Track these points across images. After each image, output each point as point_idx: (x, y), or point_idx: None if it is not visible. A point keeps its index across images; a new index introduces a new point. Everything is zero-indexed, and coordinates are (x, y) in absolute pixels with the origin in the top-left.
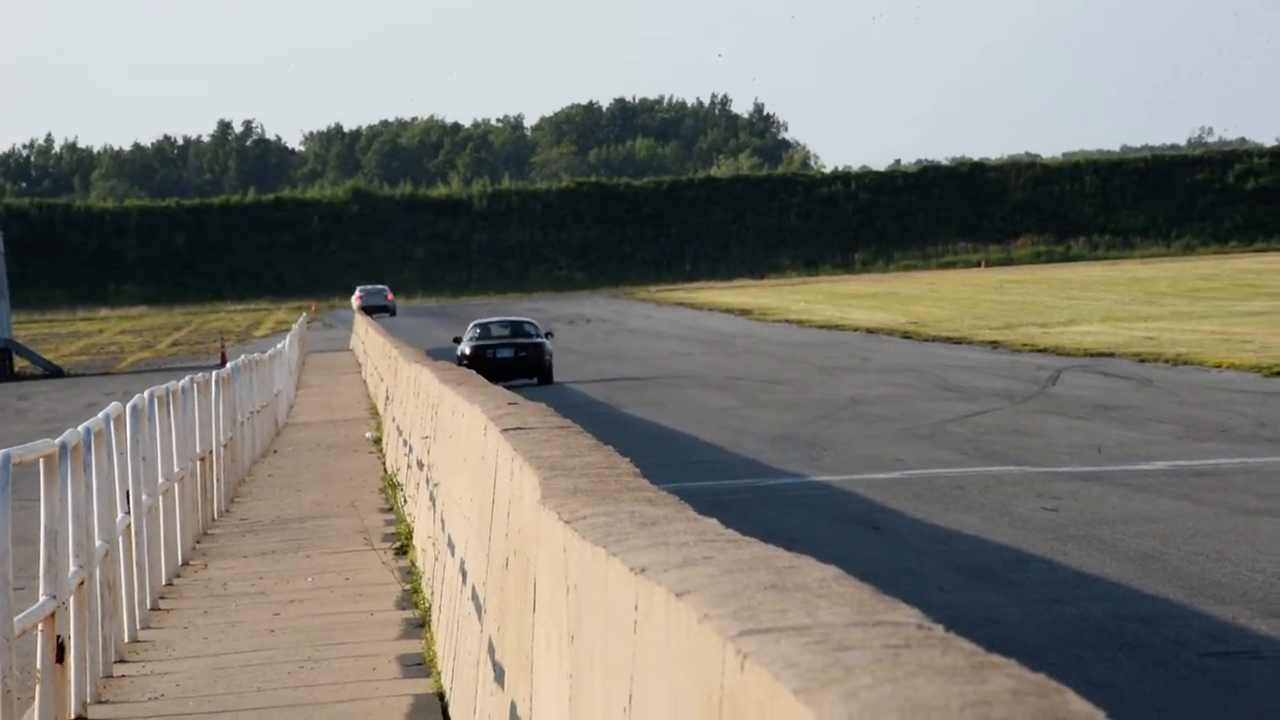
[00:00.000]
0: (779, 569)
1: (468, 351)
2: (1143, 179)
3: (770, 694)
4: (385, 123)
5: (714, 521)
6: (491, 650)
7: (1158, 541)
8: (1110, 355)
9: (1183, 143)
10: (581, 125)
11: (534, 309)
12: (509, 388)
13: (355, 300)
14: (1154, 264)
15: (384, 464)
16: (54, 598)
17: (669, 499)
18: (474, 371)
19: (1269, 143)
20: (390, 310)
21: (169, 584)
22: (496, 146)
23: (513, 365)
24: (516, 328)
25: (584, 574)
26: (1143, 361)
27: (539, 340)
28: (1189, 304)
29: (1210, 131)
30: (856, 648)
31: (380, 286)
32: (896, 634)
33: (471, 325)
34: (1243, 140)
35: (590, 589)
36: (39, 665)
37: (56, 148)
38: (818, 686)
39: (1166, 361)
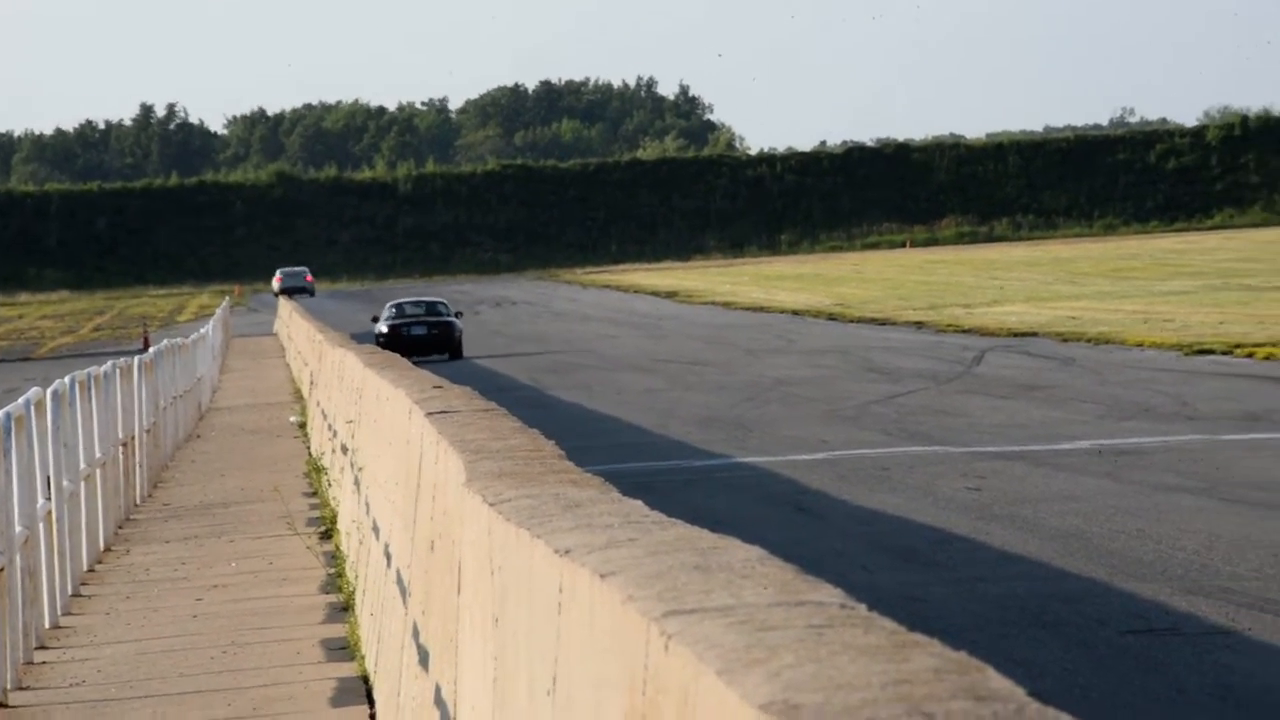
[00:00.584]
0: (703, 550)
1: (384, 330)
2: (1065, 159)
3: (694, 675)
4: (309, 106)
5: (639, 503)
6: (416, 633)
7: (1080, 520)
8: (1034, 335)
9: (1105, 123)
10: (507, 108)
11: (459, 292)
12: (421, 363)
13: (276, 282)
14: (1077, 244)
15: (308, 448)
16: None
17: (594, 481)
18: (394, 353)
19: (1190, 123)
20: (309, 292)
21: (91, 570)
22: (421, 130)
23: (426, 342)
24: (430, 307)
25: (509, 556)
26: (1065, 341)
27: (450, 319)
28: (1111, 284)
29: (1132, 111)
30: (780, 628)
31: (300, 268)
32: (819, 614)
33: (388, 305)
34: (1164, 120)
35: (515, 571)
36: None
37: None
38: (741, 667)
39: (1089, 341)
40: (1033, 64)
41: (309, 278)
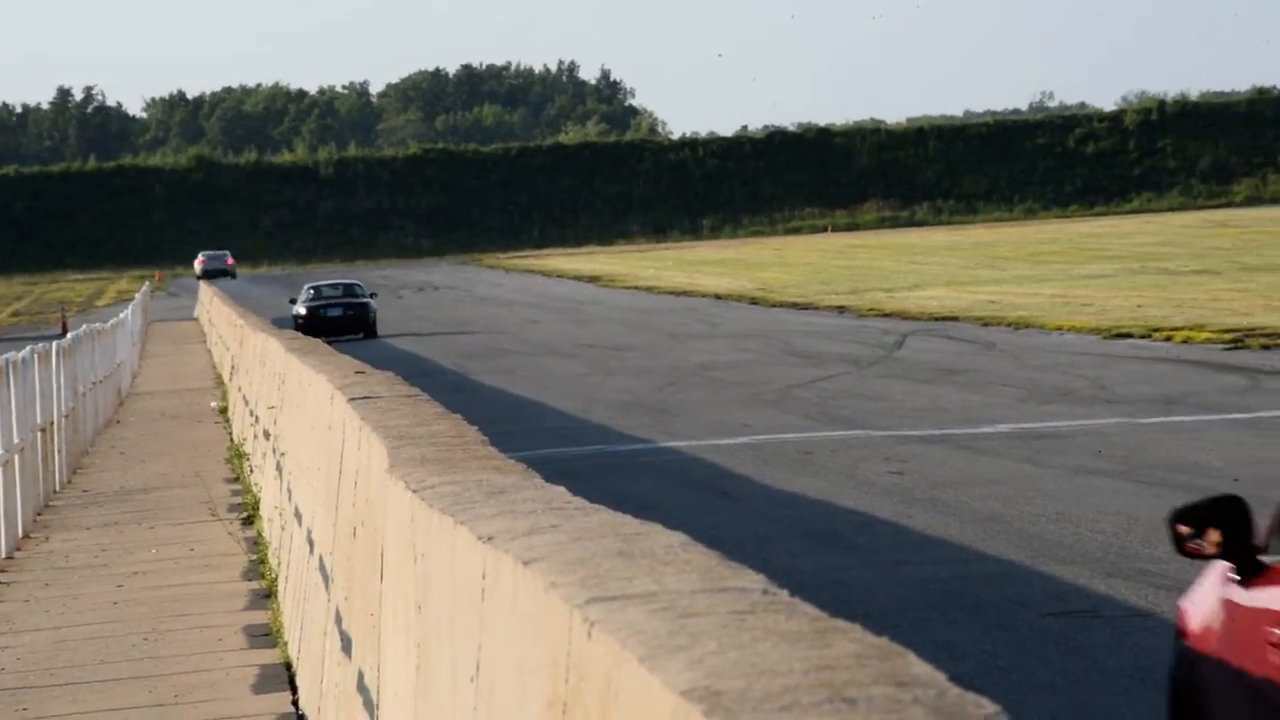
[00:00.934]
0: (626, 536)
1: (303, 311)
2: (985, 144)
3: (617, 661)
4: (229, 89)
5: (562, 489)
6: (339, 620)
7: (1000, 504)
8: (954, 319)
9: (1024, 107)
10: (428, 92)
11: (382, 276)
12: (336, 342)
13: (197, 264)
14: (997, 228)
15: (230, 434)
16: None
17: (517, 467)
18: (313, 333)
19: (1108, 107)
20: (231, 274)
21: (9, 557)
22: (342, 114)
23: (343, 323)
24: (346, 289)
25: (431, 543)
26: (986, 325)
27: (365, 300)
28: (1031, 268)
29: (1051, 96)
30: (702, 614)
31: (221, 252)
32: (742, 600)
33: (306, 288)
34: (1083, 105)
35: (438, 558)
36: None
37: None
38: (664, 653)
39: (1009, 325)
40: (953, 49)
41: (230, 260)
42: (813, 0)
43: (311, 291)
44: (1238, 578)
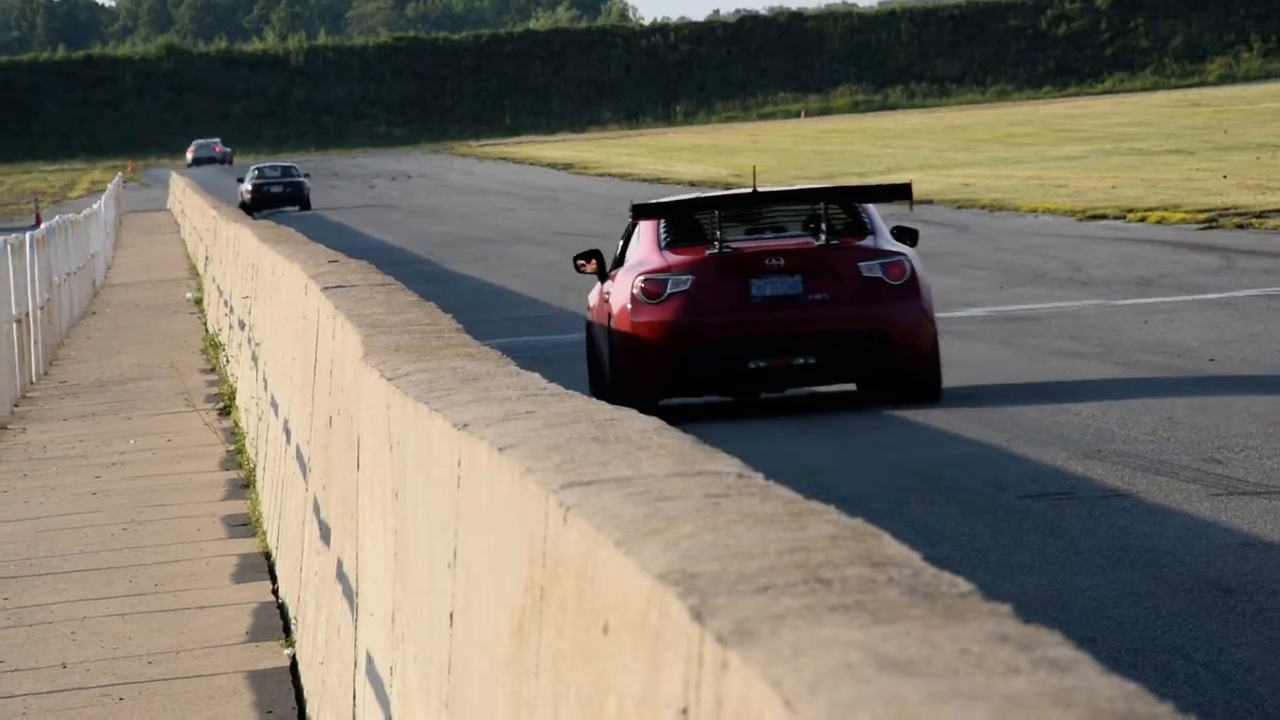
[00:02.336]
0: (601, 422)
1: (249, 188)
2: (957, 26)
3: (592, 545)
4: None
5: (536, 376)
6: (317, 509)
7: (976, 387)
8: (929, 203)
9: None
10: None
11: (355, 165)
12: (276, 214)
13: (189, 154)
14: (970, 111)
15: (205, 325)
16: None
17: (491, 354)
18: (259, 205)
19: None
20: (226, 160)
21: None
22: (312, 2)
23: (282, 197)
24: (285, 170)
25: (407, 431)
26: (960, 208)
27: (300, 180)
28: (1004, 150)
29: None
30: (677, 498)
31: (210, 140)
32: (717, 484)
33: (251, 169)
34: None
35: (413, 446)
36: None
37: None
38: (639, 537)
39: (983, 208)
40: None
41: (218, 148)
42: None
43: (256, 172)
44: (600, 283)
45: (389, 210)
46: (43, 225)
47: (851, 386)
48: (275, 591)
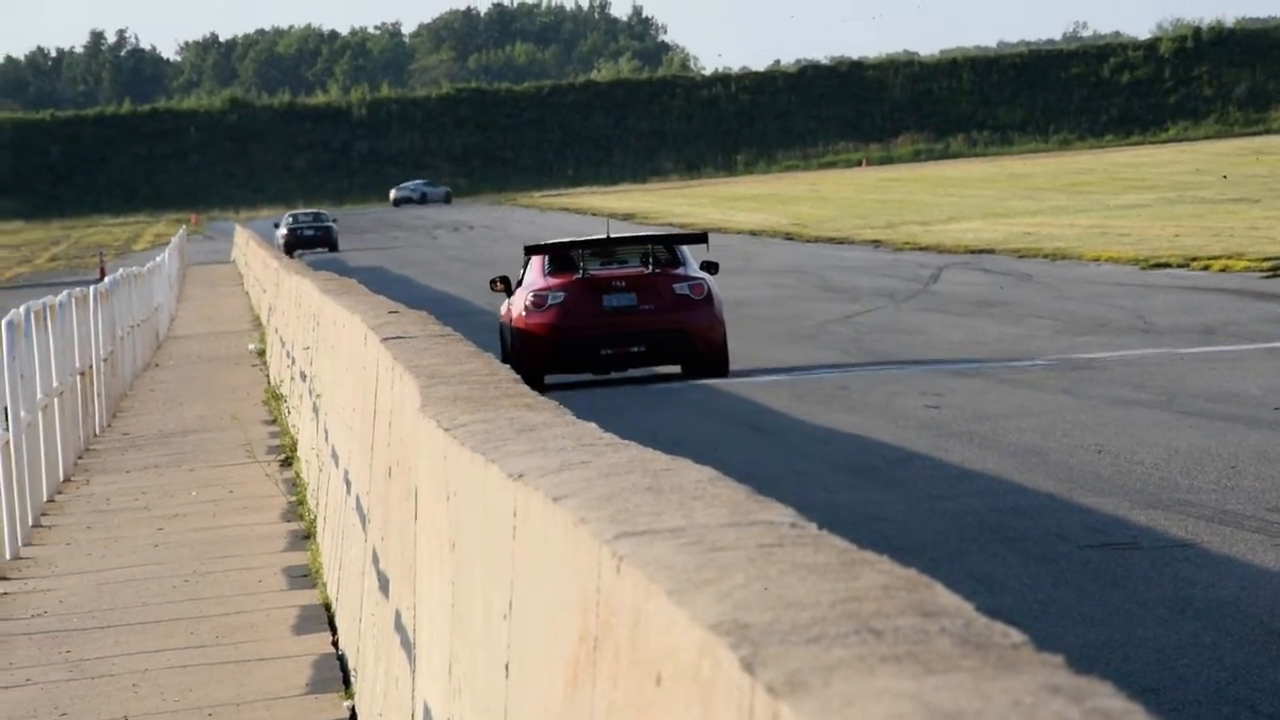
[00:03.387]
0: (656, 472)
1: (284, 232)
2: (1019, 75)
3: (645, 595)
4: (261, 31)
5: (593, 425)
6: (376, 560)
7: (1038, 436)
8: (990, 252)
9: (1058, 37)
10: (460, 31)
11: (417, 216)
12: (307, 254)
13: (392, 195)
14: (1032, 159)
15: (267, 376)
16: None
17: (548, 404)
18: (294, 247)
19: (1143, 35)
20: (439, 199)
21: (51, 500)
22: (375, 54)
23: (314, 240)
24: (316, 216)
25: (463, 481)
26: (1022, 257)
27: (329, 224)
28: (1067, 199)
29: (1085, 25)
30: (730, 548)
31: (416, 181)
32: (770, 533)
33: (285, 216)
34: (1117, 34)
35: (470, 496)
36: None
37: None
38: (691, 587)
39: (1046, 256)
40: None
41: (426, 189)
42: None
43: (291, 219)
44: (508, 297)
45: (450, 261)
46: (107, 278)
47: (677, 369)
48: (335, 643)
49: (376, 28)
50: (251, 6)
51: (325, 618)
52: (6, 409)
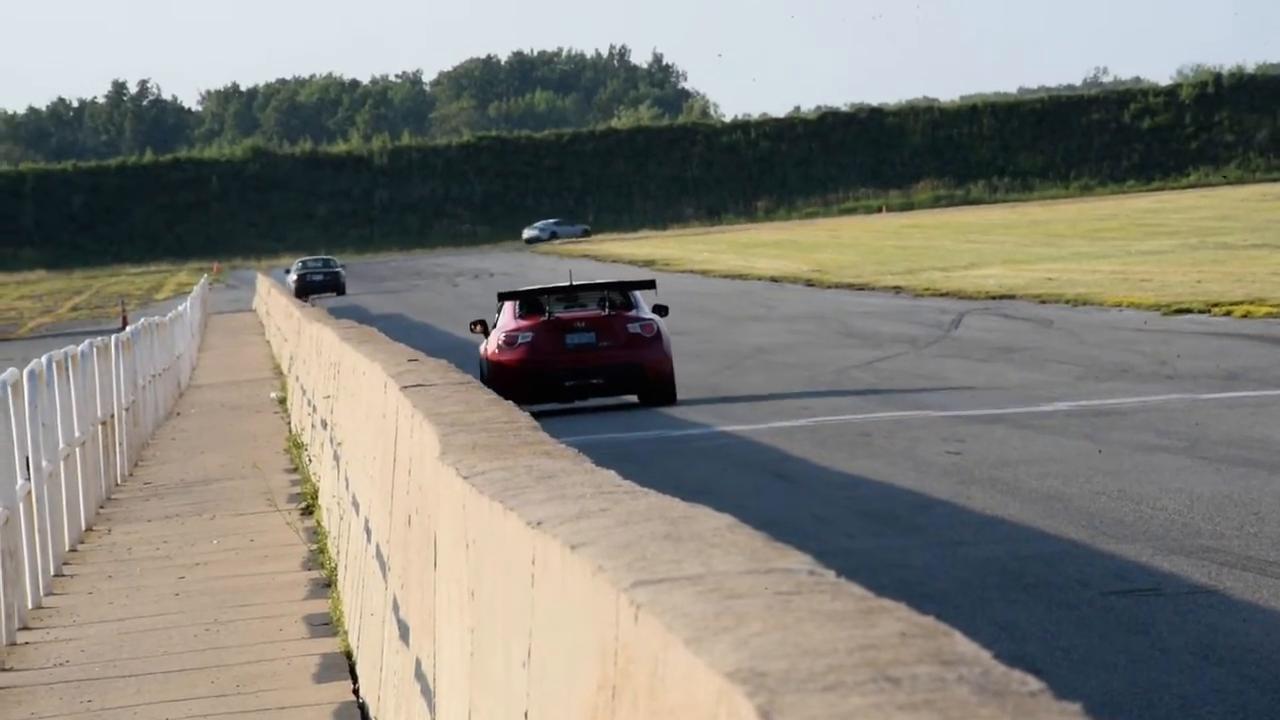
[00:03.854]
0: (674, 519)
1: (295, 278)
2: (1040, 120)
3: (663, 644)
4: (283, 80)
5: (612, 473)
6: (396, 608)
7: (1060, 482)
8: (1011, 297)
9: (1078, 83)
10: (480, 79)
11: (438, 264)
12: (319, 299)
13: (526, 233)
14: (1053, 206)
15: (289, 424)
16: None
17: (568, 452)
18: (303, 290)
19: (1163, 81)
20: (572, 233)
21: (72, 550)
22: (396, 103)
23: (323, 285)
24: (325, 263)
25: (482, 529)
26: (1043, 303)
27: (337, 270)
28: (1088, 244)
29: (1105, 71)
30: (748, 596)
31: (548, 220)
32: (788, 581)
33: (296, 262)
34: (1138, 79)
35: (489, 544)
36: None
37: None
38: (709, 635)
39: (1067, 302)
40: (1005, 25)
41: (558, 228)
42: None
43: (301, 265)
44: (485, 337)
45: (470, 310)
46: (129, 328)
47: (634, 398)
48: (356, 691)
49: (397, 76)
50: (273, 56)
51: (346, 666)
52: (29, 458)
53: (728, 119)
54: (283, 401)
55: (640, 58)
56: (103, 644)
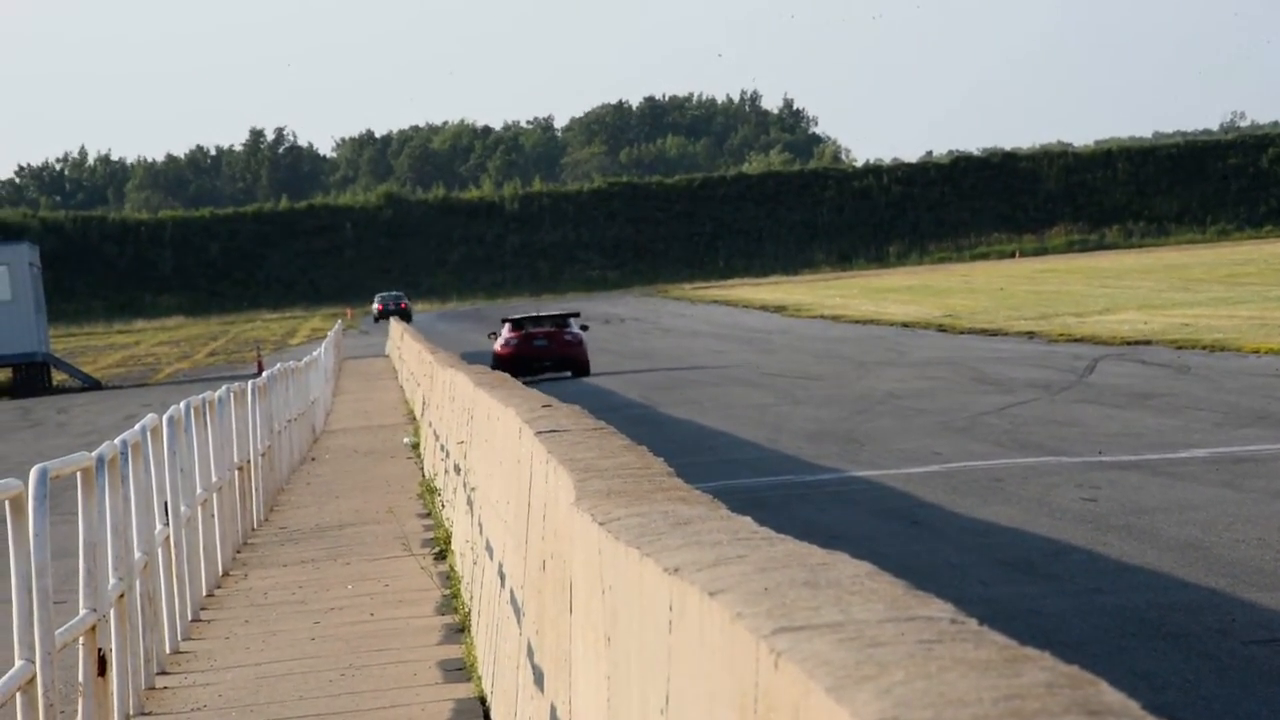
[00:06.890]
0: (812, 566)
1: (377, 306)
2: (1176, 165)
3: (804, 692)
4: (416, 127)
5: (748, 519)
6: (530, 653)
7: (1198, 530)
8: (1147, 343)
9: (1215, 127)
10: (611, 125)
11: (566, 309)
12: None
13: (375, 307)
14: (1189, 250)
15: (422, 469)
16: (94, 610)
17: (703, 498)
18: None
19: None
20: (406, 316)
21: (209, 594)
22: (527, 149)
23: (395, 311)
24: (397, 298)
25: (619, 575)
26: (1180, 349)
27: (405, 301)
28: (1225, 290)
29: (1243, 116)
30: (889, 644)
31: (396, 293)
32: (929, 629)
33: (377, 295)
34: (1275, 124)
35: (625, 590)
36: (80, 679)
37: (90, 160)
38: (851, 684)
39: (1204, 348)
40: (1141, 69)
41: (404, 304)
42: (996, 24)
43: (379, 298)
44: (492, 343)
45: (601, 354)
46: (264, 373)
47: (568, 374)
48: None
49: (529, 122)
50: (406, 103)
51: (480, 711)
52: (167, 503)
53: (859, 163)
54: (416, 446)
55: (771, 103)
56: (239, 688)
